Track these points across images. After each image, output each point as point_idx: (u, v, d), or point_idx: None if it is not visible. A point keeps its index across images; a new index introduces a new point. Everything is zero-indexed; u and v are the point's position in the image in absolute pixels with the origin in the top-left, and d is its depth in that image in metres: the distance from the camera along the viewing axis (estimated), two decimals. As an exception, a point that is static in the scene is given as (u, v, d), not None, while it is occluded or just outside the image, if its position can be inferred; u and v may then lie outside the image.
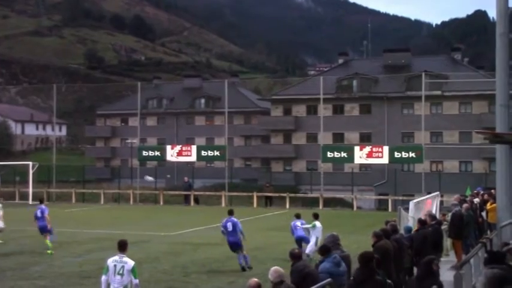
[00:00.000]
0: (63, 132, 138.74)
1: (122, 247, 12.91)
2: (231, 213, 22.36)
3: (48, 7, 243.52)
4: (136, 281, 12.72)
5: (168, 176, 79.23)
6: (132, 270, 12.58)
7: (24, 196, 53.03)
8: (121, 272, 12.49)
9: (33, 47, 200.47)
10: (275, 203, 51.11)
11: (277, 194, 51.78)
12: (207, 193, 55.66)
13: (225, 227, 21.65)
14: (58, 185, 58.35)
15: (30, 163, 54.67)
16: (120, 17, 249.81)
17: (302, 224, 23.64)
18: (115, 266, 12.58)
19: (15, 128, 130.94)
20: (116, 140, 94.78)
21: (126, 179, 60.12)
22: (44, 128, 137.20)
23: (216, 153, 53.91)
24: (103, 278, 12.69)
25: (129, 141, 76.52)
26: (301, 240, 23.63)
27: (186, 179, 54.02)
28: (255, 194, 50.82)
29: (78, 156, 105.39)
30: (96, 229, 32.44)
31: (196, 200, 52.29)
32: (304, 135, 79.49)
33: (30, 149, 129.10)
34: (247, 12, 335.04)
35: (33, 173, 53.39)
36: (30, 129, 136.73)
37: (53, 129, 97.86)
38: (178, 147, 54.81)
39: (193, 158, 54.28)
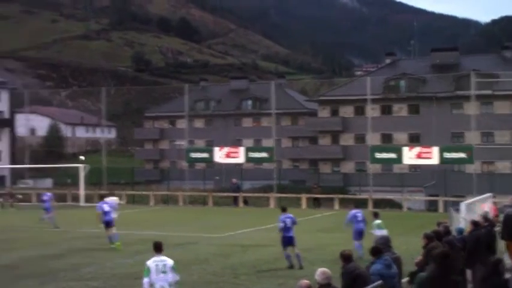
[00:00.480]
0: (113, 134, 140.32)
1: (158, 248, 13.26)
2: (284, 210, 22.44)
3: (96, 11, 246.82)
4: (178, 277, 13.11)
5: (217, 177, 79.42)
6: (173, 267, 12.78)
7: (75, 198, 53.72)
8: (164, 269, 12.80)
9: (81, 51, 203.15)
10: (323, 205, 50.91)
11: (325, 196, 51.58)
12: (256, 194, 55.64)
13: (284, 222, 21.65)
14: (108, 187, 58.91)
15: (81, 165, 55.38)
16: (166, 19, 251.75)
17: (362, 216, 23.55)
18: (157, 265, 12.87)
19: (66, 131, 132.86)
20: (164, 142, 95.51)
21: (175, 181, 60.51)
22: (93, 131, 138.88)
23: (264, 154, 53.91)
24: (145, 280, 12.88)
25: (177, 143, 77.12)
26: (361, 233, 23.47)
27: (234, 180, 54.13)
28: (303, 196, 50.71)
29: (128, 158, 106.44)
30: (146, 231, 32.69)
31: (245, 202, 52.34)
32: (352, 136, 79.07)
33: (81, 151, 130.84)
34: (292, 12, 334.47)
35: (84, 175, 54.06)
36: (81, 132, 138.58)
37: (102, 132, 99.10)
38: (226, 149, 54.94)
39: (241, 159, 54.37)
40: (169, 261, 12.97)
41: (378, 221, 22.26)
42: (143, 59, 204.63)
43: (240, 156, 53.63)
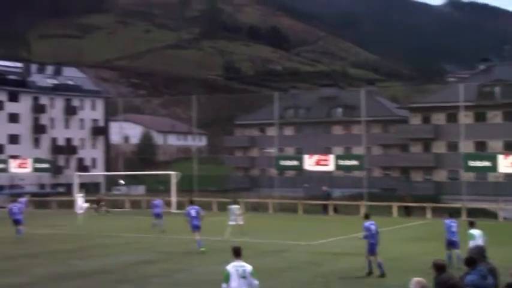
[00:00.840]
0: (203, 142, 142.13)
1: (238, 253, 13.28)
2: (367, 217, 22.24)
3: (187, 21, 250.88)
4: (257, 282, 13.03)
5: (306, 185, 79.38)
6: (252, 273, 12.88)
7: (167, 204, 54.52)
8: (244, 275, 12.79)
9: (173, 60, 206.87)
10: (415, 213, 50.06)
11: (417, 204, 50.72)
12: (346, 202, 55.19)
13: (368, 229, 21.49)
14: (199, 194, 59.59)
15: (173, 173, 56.24)
16: (256, 28, 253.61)
17: (456, 226, 23.12)
18: (237, 270, 12.90)
19: (158, 139, 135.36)
20: (254, 150, 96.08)
21: (265, 188, 60.73)
22: (185, 139, 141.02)
23: (354, 162, 53.40)
24: (224, 286, 12.90)
25: (267, 150, 77.43)
26: (454, 243, 22.96)
27: (324, 188, 53.90)
28: (394, 204, 50.01)
29: (218, 165, 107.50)
30: (237, 238, 32.85)
31: (335, 210, 52.03)
32: (444, 143, 77.63)
33: (172, 158, 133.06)
34: (383, 19, 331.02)
35: (175, 182, 54.87)
36: (172, 140, 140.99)
37: (193, 140, 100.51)
38: (315, 157, 54.70)
39: (331, 167, 54.01)
40: (248, 267, 13.00)
41: (474, 231, 21.60)
42: (233, 67, 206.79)
43: (329, 164, 53.28)
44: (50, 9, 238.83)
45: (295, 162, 55.89)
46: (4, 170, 64.95)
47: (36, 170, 63.25)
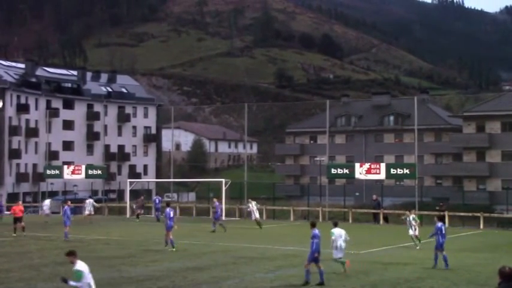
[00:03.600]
0: (254, 150, 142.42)
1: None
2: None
3: (240, 29, 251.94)
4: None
5: (357, 193, 78.88)
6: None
7: (217, 212, 54.66)
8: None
9: (225, 68, 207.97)
10: (468, 223, 49.27)
11: (470, 214, 49.89)
12: (397, 211, 54.58)
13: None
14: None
15: (223, 180, 56.39)
16: (308, 36, 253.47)
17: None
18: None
19: (209, 146, 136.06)
20: (305, 158, 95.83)
21: (315, 196, 60.42)
22: (235, 146, 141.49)
23: (406, 171, 52.72)
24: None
25: (318, 158, 77.07)
26: (442, 247, 24.77)
27: (374, 197, 53.42)
28: (446, 213, 49.23)
29: (269, 173, 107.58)
30: (286, 246, 32.79)
31: (385, 219, 51.50)
32: (499, 152, 76.33)
33: (223, 166, 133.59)
34: (437, 27, 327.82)
35: (225, 190, 55.01)
36: (223, 147, 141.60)
37: (244, 147, 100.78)
38: (367, 165, 54.25)
39: (382, 175, 53.45)
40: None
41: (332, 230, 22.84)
42: (285, 75, 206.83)
43: (381, 173, 52.77)
44: (106, 18, 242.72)
45: (346, 171, 55.46)
46: (58, 176, 66.01)
47: (89, 176, 64.11)
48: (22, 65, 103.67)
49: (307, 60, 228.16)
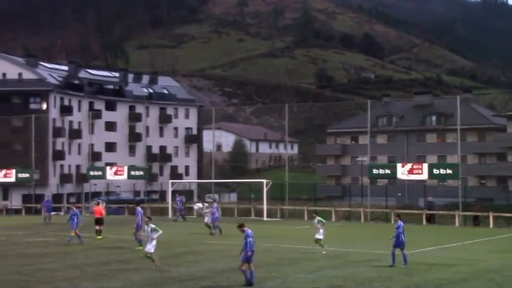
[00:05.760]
0: (295, 150, 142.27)
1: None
2: (243, 225, 21.79)
3: (280, 29, 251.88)
4: None
5: (399, 194, 78.29)
6: None
7: (259, 212, 54.74)
8: None
9: (266, 68, 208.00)
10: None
11: (510, 215, 49.11)
12: (440, 212, 54.05)
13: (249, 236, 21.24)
14: (290, 202, 59.61)
15: (264, 181, 56.38)
16: (349, 36, 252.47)
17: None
18: None
19: (250, 147, 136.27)
20: (346, 158, 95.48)
21: (357, 197, 60.11)
22: (276, 147, 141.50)
23: (449, 171, 52.16)
24: None
25: (359, 159, 76.72)
26: (402, 245, 24.92)
27: (430, 198, 52.92)
28: (490, 214, 48.57)
29: (309, 174, 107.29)
30: (328, 247, 32.64)
31: (429, 219, 51.00)
32: (544, 152, 75.15)
33: (264, 166, 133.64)
34: (480, 25, 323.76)
35: (267, 190, 54.98)
36: (264, 148, 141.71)
37: (285, 148, 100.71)
38: (409, 165, 53.83)
39: (424, 176, 52.96)
40: None
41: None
42: (326, 75, 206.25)
43: (423, 173, 52.30)
44: (147, 20, 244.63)
45: (388, 171, 55.09)
46: (101, 177, 66.72)
47: (131, 177, 64.69)
48: (65, 67, 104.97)
49: (347, 60, 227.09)
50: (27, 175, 69.39)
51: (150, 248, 23.95)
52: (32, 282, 21.68)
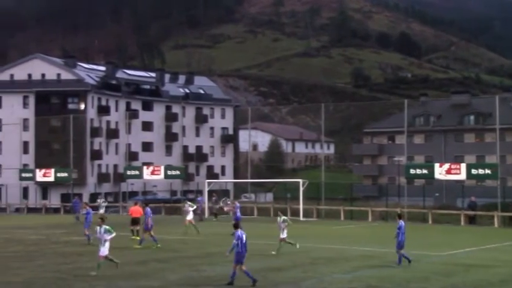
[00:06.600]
0: (331, 150, 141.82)
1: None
2: (237, 226, 21.41)
3: (316, 29, 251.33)
4: None
5: (437, 194, 77.53)
6: None
7: (295, 212, 54.64)
8: None
9: (302, 68, 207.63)
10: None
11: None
12: (479, 213, 53.46)
13: (239, 238, 20.72)
14: (326, 202, 59.47)
15: (301, 180, 56.32)
16: (385, 35, 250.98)
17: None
18: None
19: (286, 147, 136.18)
20: (383, 158, 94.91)
21: (393, 197, 59.72)
22: (312, 147, 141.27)
23: (488, 171, 51.57)
24: None
25: (396, 159, 76.20)
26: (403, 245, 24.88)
27: (473, 198, 52.41)
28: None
29: (346, 173, 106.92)
30: (364, 246, 32.52)
31: (471, 220, 50.50)
32: None
33: (300, 166, 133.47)
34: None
35: (303, 190, 54.90)
36: (300, 148, 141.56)
37: (321, 148, 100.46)
38: (446, 165, 53.37)
39: (462, 176, 52.44)
40: None
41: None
42: (362, 74, 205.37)
43: (461, 173, 51.78)
44: (183, 20, 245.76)
45: (425, 171, 54.69)
46: (138, 177, 67.22)
47: (167, 177, 65.06)
48: (102, 68, 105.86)
49: (384, 59, 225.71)
50: (65, 174, 70.27)
51: (104, 250, 23.07)
52: (70, 281, 21.93)
